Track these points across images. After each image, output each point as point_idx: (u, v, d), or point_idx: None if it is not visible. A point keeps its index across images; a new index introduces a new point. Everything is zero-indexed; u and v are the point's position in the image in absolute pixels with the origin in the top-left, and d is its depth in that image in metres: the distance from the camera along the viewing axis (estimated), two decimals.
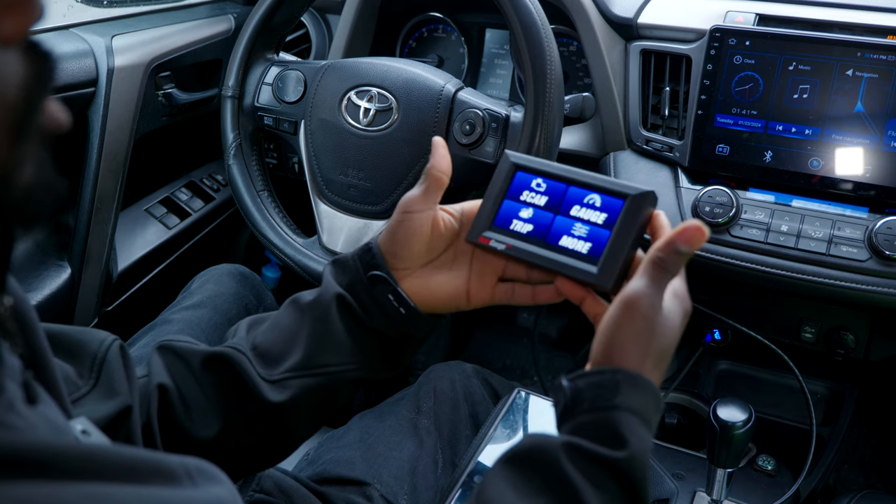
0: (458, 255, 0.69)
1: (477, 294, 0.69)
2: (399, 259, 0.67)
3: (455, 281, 0.68)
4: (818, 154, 0.99)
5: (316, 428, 0.72)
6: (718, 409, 0.86)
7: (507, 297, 0.69)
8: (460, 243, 0.69)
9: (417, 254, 0.67)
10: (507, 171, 0.70)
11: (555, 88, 0.86)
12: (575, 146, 1.19)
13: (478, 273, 0.69)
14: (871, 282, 0.96)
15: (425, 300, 0.68)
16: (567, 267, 0.63)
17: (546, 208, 0.67)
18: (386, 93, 0.97)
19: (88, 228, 1.19)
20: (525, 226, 0.67)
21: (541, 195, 0.67)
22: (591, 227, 0.64)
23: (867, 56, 0.95)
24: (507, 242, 0.66)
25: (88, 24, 1.20)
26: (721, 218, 1.02)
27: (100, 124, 1.16)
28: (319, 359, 0.66)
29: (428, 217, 0.67)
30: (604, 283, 0.61)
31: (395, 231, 0.67)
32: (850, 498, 0.99)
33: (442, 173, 0.67)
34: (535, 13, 0.85)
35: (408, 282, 0.67)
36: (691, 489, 1.12)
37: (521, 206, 0.68)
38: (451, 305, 0.69)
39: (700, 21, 1.08)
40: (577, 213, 0.65)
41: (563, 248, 0.64)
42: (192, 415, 0.65)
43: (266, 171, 1.06)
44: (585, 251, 0.63)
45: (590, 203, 0.65)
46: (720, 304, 1.37)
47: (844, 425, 1.34)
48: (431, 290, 0.68)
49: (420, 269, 0.68)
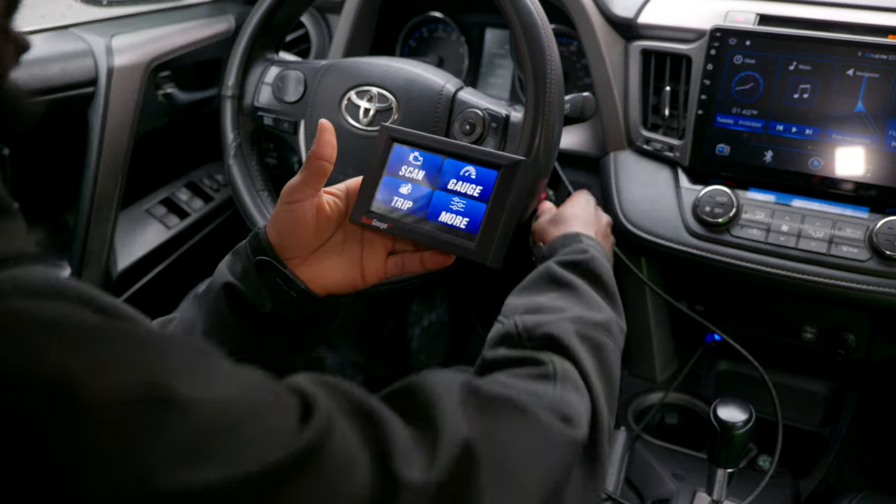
0: (348, 236, 0.70)
1: (370, 271, 0.70)
2: (287, 249, 0.67)
3: (347, 262, 0.69)
4: (819, 154, 0.99)
5: None
6: (719, 409, 0.86)
7: (398, 270, 0.70)
8: (348, 224, 0.70)
9: (305, 242, 0.67)
10: (384, 145, 0.70)
11: (555, 88, 0.85)
12: (575, 146, 1.19)
13: (369, 251, 0.70)
14: (871, 282, 0.95)
15: (321, 284, 0.68)
16: (446, 244, 0.65)
17: (424, 183, 0.68)
18: (386, 93, 0.96)
19: (88, 228, 1.19)
20: (405, 202, 0.68)
21: (418, 169, 0.68)
22: (467, 200, 0.65)
23: (868, 56, 0.95)
24: (390, 221, 0.67)
25: (88, 23, 1.20)
26: (721, 218, 1.02)
27: (100, 124, 1.16)
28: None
29: (311, 205, 0.67)
30: (481, 258, 0.63)
31: (280, 221, 0.67)
32: (851, 498, 0.99)
33: (324, 160, 0.65)
34: (535, 13, 0.85)
35: (300, 269, 0.67)
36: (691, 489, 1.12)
37: (401, 182, 0.69)
38: (347, 286, 0.70)
39: (700, 21, 1.08)
40: (454, 186, 0.66)
41: (443, 225, 0.66)
42: None
43: (266, 171, 1.06)
44: (463, 227, 0.65)
45: (465, 175, 0.66)
46: (720, 305, 1.37)
47: (845, 426, 1.33)
48: (325, 273, 0.68)
49: (312, 254, 0.68)
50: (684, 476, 1.17)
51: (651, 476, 1.18)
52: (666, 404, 1.39)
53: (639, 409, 1.41)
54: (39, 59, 1.05)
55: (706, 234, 1.03)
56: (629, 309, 1.40)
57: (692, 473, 1.18)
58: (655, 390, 1.42)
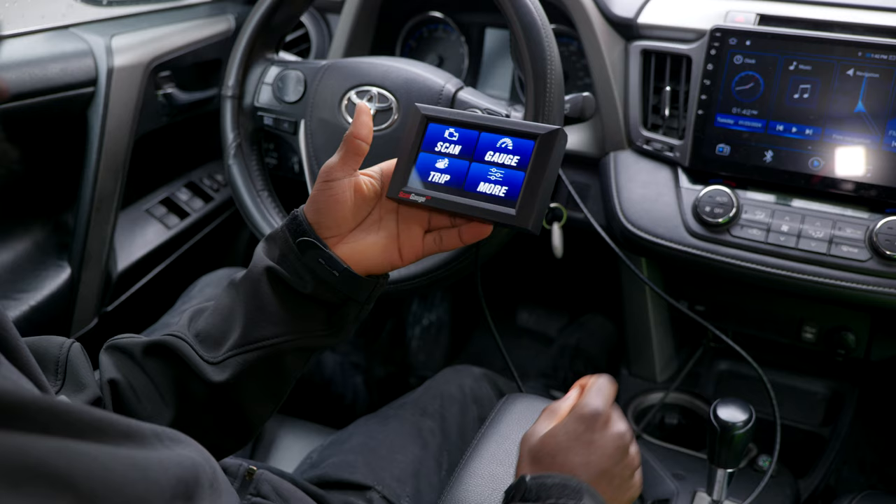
0: (384, 215, 0.71)
1: (408, 249, 0.70)
2: (325, 228, 0.68)
3: (385, 240, 0.70)
4: (819, 154, 0.99)
5: (273, 405, 0.72)
6: (719, 409, 0.86)
7: (436, 247, 0.71)
8: (384, 203, 0.71)
9: (343, 220, 0.68)
10: (420, 123, 0.71)
11: (555, 88, 0.85)
12: (575, 146, 1.19)
13: (405, 228, 0.70)
14: (871, 282, 0.95)
15: (359, 263, 0.69)
16: (487, 212, 0.66)
17: (461, 157, 0.69)
18: (386, 92, 0.96)
19: (88, 228, 1.19)
20: (442, 176, 0.69)
21: (454, 144, 0.70)
22: (505, 170, 0.66)
23: (868, 56, 0.95)
24: (427, 195, 0.68)
25: (88, 23, 1.20)
26: (721, 218, 1.02)
27: (99, 124, 1.16)
28: (256, 333, 0.67)
29: (349, 183, 0.68)
30: (522, 223, 0.64)
31: (318, 200, 0.68)
32: (851, 498, 0.99)
33: (361, 140, 0.68)
34: (535, 13, 0.85)
35: (339, 248, 0.68)
36: (691, 489, 1.12)
37: (437, 157, 0.70)
38: (385, 264, 0.70)
39: (700, 21, 1.08)
40: (491, 157, 0.68)
41: (482, 194, 0.67)
42: (146, 405, 0.67)
43: (266, 171, 1.06)
44: (503, 194, 0.66)
45: (502, 147, 0.67)
46: (720, 305, 1.37)
47: (845, 425, 1.34)
48: (363, 253, 0.69)
49: (349, 234, 0.69)
50: (684, 476, 1.17)
51: (651, 476, 1.18)
52: (666, 404, 1.39)
53: (639, 409, 1.41)
54: (39, 59, 1.05)
55: (706, 234, 1.03)
56: (629, 309, 1.42)
57: (692, 473, 1.18)
58: (655, 390, 1.42)
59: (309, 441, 1.04)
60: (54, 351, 0.64)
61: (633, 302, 1.39)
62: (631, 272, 1.08)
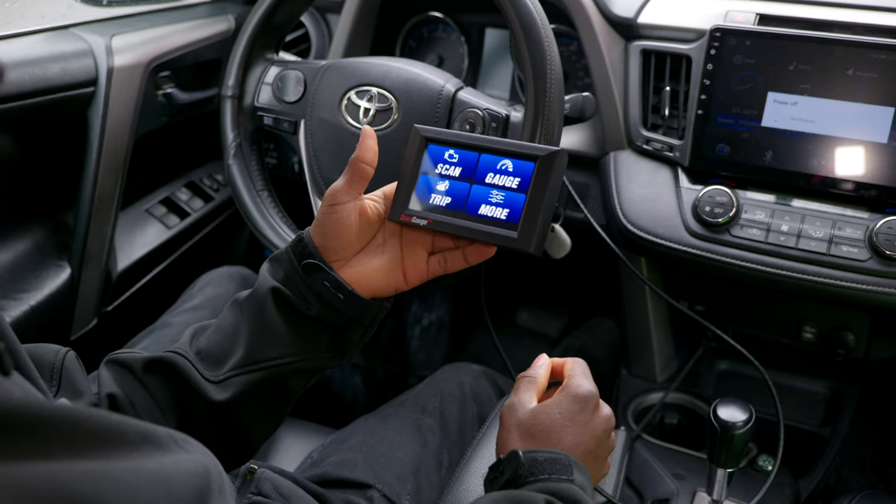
0: (388, 238, 0.71)
1: (412, 272, 0.71)
2: (331, 251, 0.68)
3: (389, 263, 0.70)
4: (818, 154, 0.99)
5: (274, 425, 0.72)
6: (719, 409, 0.85)
7: (441, 269, 0.71)
8: (388, 226, 0.71)
9: (349, 243, 0.68)
10: (419, 145, 0.71)
11: (555, 88, 0.85)
12: (575, 146, 1.19)
13: (409, 252, 0.71)
14: (871, 282, 0.95)
15: (364, 286, 0.69)
16: (489, 235, 0.66)
17: (462, 179, 0.69)
18: (386, 93, 0.97)
19: (88, 228, 1.19)
20: (444, 198, 0.69)
21: (455, 166, 0.70)
22: (506, 192, 0.66)
23: (868, 55, 0.95)
24: (429, 217, 0.68)
25: (88, 23, 1.20)
26: (721, 218, 1.02)
27: (100, 124, 1.16)
28: (260, 353, 0.67)
29: (354, 207, 0.68)
30: (524, 246, 0.64)
31: (324, 224, 0.68)
32: (851, 498, 0.99)
33: (366, 164, 0.68)
34: (535, 13, 0.85)
35: (344, 271, 0.68)
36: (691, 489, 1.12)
37: (438, 179, 0.70)
38: (390, 287, 0.71)
39: (700, 21, 1.08)
40: (491, 180, 0.68)
41: (483, 217, 0.67)
42: (145, 420, 0.66)
43: (266, 171, 1.06)
44: (504, 217, 0.66)
45: (503, 169, 0.67)
46: (720, 305, 1.37)
47: (845, 425, 1.34)
48: (368, 276, 0.69)
49: (354, 257, 0.70)
50: (684, 476, 1.17)
51: (651, 476, 1.18)
52: (666, 404, 1.39)
53: (639, 409, 1.41)
54: (39, 59, 1.05)
55: (706, 233, 1.03)
56: (629, 309, 1.42)
57: (692, 473, 1.18)
58: (655, 390, 1.42)
59: (309, 440, 1.04)
60: (49, 358, 0.64)
61: (633, 302, 1.38)
62: (631, 272, 1.08)
